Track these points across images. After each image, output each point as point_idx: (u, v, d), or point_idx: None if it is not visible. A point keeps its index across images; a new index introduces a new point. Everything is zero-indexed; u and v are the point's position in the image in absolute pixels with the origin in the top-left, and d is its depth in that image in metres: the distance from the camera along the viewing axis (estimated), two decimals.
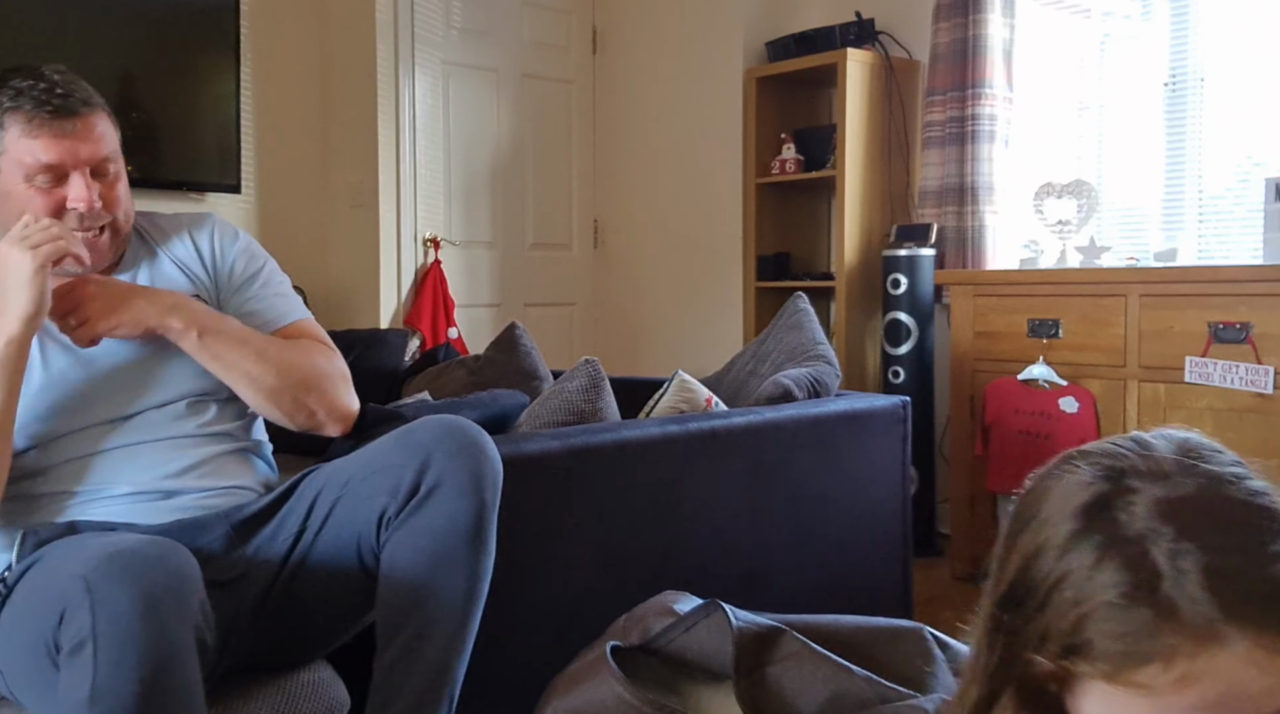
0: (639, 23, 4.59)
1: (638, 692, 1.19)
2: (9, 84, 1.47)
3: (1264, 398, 2.73)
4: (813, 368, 2.54)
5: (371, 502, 1.44)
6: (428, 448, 1.43)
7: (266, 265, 1.73)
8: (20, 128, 1.45)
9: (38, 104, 1.45)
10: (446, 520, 1.41)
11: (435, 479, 1.41)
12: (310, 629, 1.52)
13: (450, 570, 1.42)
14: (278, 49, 4.14)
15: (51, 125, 1.46)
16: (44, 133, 1.46)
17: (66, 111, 1.47)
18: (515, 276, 4.57)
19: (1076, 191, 3.36)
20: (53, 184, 1.48)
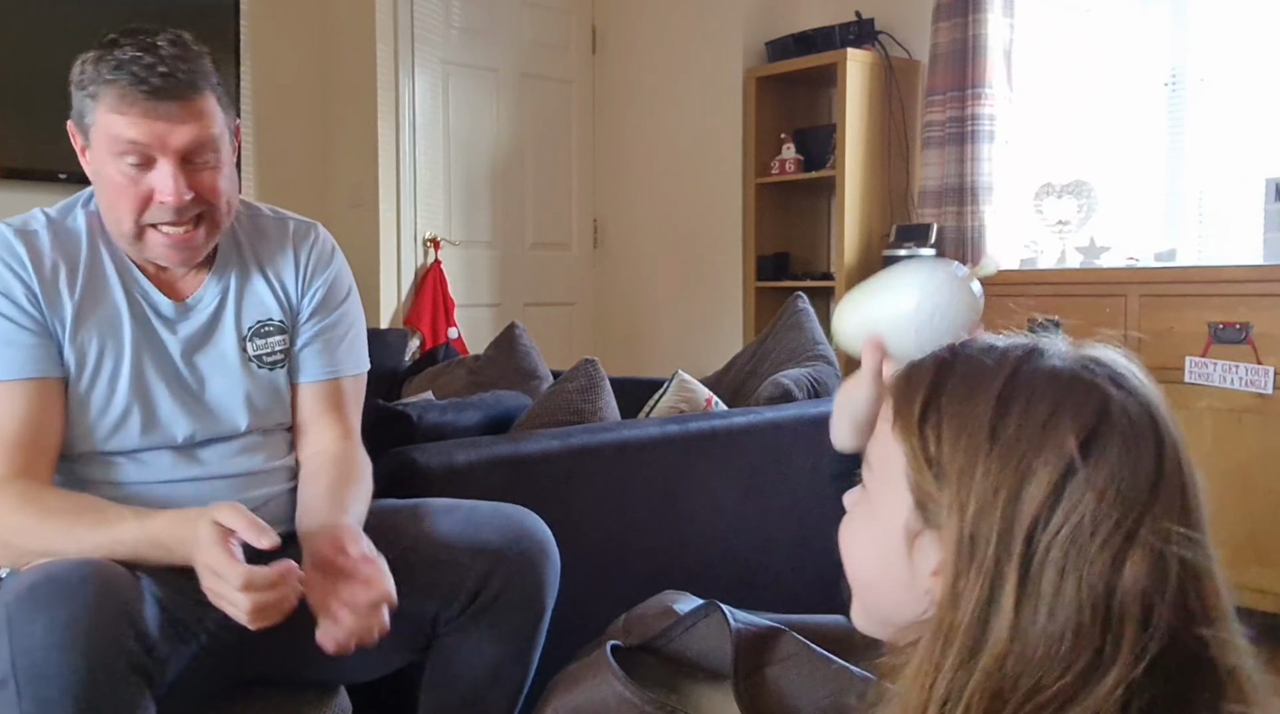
0: (639, 22, 4.59)
1: (639, 690, 1.20)
2: (114, 52, 1.33)
3: (1264, 398, 2.73)
4: (813, 368, 2.54)
5: (427, 595, 1.40)
6: (493, 554, 1.39)
7: (346, 303, 1.59)
8: (112, 101, 1.32)
9: (134, 80, 1.30)
10: (506, 634, 1.41)
11: (499, 587, 1.39)
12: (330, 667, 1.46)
13: (507, 673, 1.44)
14: (278, 49, 4.14)
15: (143, 104, 1.31)
16: (133, 110, 1.31)
17: (165, 93, 1.31)
18: (515, 276, 4.57)
19: (1076, 191, 3.36)
20: (140, 170, 1.33)
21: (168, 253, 1.39)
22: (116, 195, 1.34)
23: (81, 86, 1.34)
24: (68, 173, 3.53)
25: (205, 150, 1.36)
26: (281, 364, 1.50)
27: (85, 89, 1.34)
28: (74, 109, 1.37)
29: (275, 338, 1.50)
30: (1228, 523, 3.00)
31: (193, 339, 1.45)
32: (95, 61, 1.34)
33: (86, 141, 1.37)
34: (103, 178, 1.35)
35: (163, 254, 1.39)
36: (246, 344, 1.47)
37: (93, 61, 1.35)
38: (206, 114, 1.35)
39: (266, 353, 1.49)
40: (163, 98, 1.31)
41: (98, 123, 1.33)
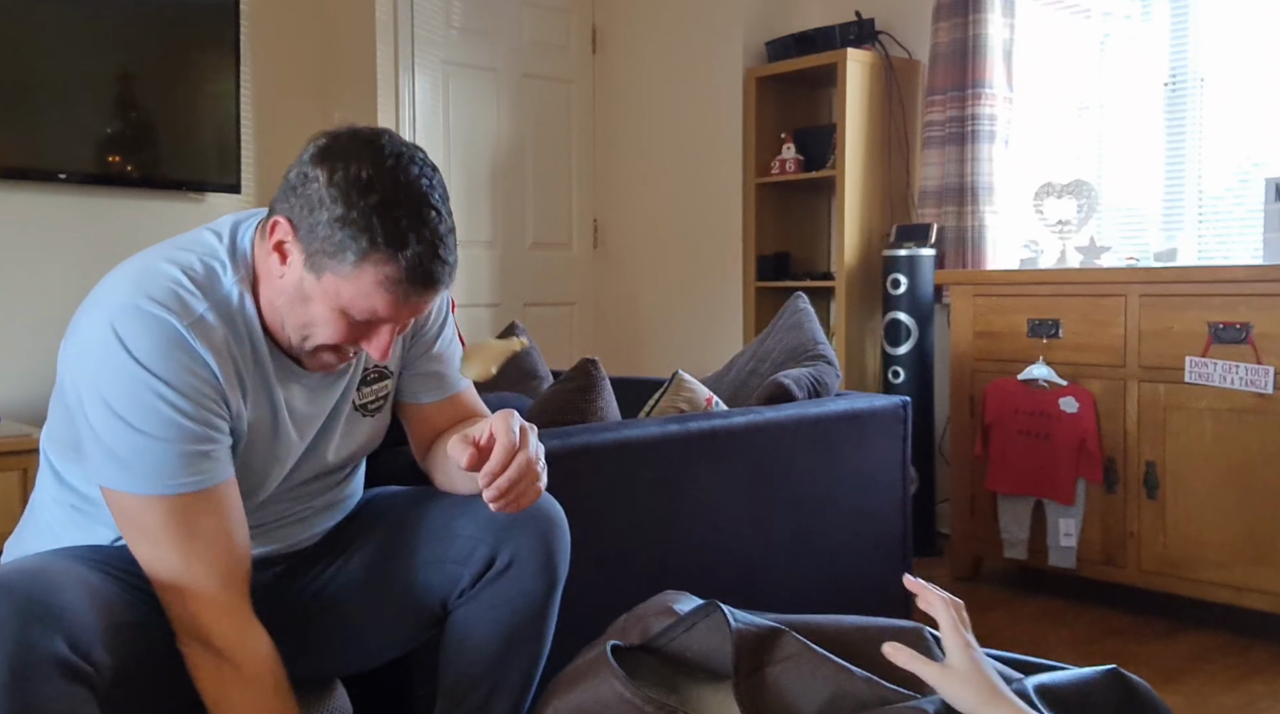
0: (639, 22, 4.59)
1: (639, 690, 1.19)
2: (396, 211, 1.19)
3: (1264, 398, 2.73)
4: (813, 368, 2.54)
5: (444, 568, 1.43)
6: (503, 525, 1.41)
7: (448, 320, 1.55)
8: (380, 277, 1.21)
9: (414, 265, 1.21)
10: (521, 597, 1.42)
11: (511, 556, 1.41)
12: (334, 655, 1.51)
13: (521, 641, 1.45)
14: (278, 49, 4.14)
15: (410, 293, 1.23)
16: (399, 297, 1.23)
17: (432, 285, 1.24)
18: (515, 276, 4.57)
19: (1076, 191, 3.36)
20: (363, 325, 1.27)
21: (326, 365, 1.35)
22: (321, 326, 1.27)
23: (343, 225, 1.20)
24: (68, 173, 3.53)
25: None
26: (381, 409, 1.50)
27: (345, 232, 1.20)
28: (304, 219, 1.23)
29: (379, 385, 1.48)
30: (1228, 523, 3.02)
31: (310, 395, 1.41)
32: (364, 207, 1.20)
33: (311, 266, 1.24)
34: (313, 304, 1.26)
35: (322, 365, 1.35)
36: (354, 393, 1.45)
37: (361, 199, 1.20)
38: (441, 294, 1.30)
39: (371, 401, 1.48)
40: (428, 289, 1.25)
41: (347, 277, 1.22)
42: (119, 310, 1.22)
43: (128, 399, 1.21)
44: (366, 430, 1.49)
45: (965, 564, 3.41)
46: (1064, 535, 3.09)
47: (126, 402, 1.21)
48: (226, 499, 1.27)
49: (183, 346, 1.22)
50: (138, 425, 1.21)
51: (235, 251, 1.32)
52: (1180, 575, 2.90)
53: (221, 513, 1.26)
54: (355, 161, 1.22)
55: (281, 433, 1.36)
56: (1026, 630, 2.89)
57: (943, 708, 1.15)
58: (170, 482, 1.22)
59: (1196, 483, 2.86)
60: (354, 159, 1.22)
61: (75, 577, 1.20)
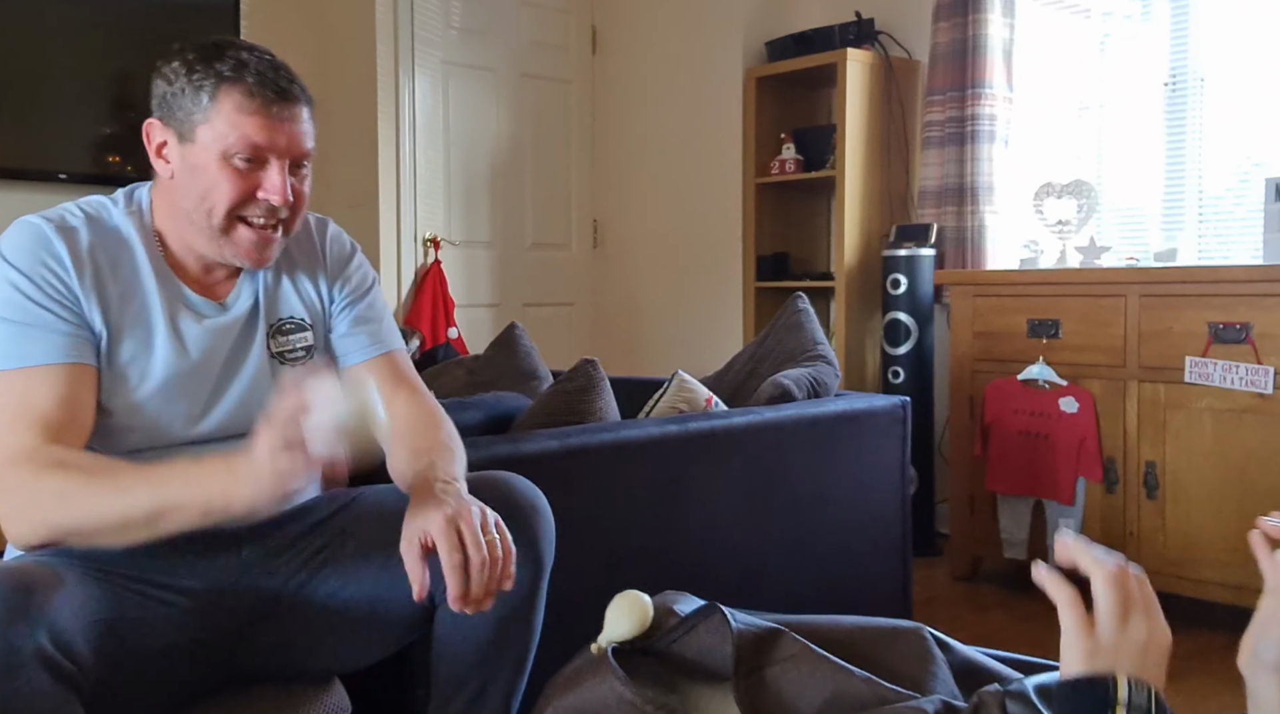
0: (638, 23, 4.59)
1: (639, 690, 1.19)
2: (227, 54, 1.36)
3: (1264, 398, 2.73)
4: (812, 368, 2.54)
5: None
6: None
7: (374, 290, 1.62)
8: (235, 101, 1.34)
9: (261, 81, 1.35)
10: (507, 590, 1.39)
11: None
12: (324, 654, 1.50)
13: (510, 632, 1.44)
14: (278, 49, 4.11)
15: (269, 107, 1.35)
16: (260, 112, 1.35)
17: (288, 96, 1.37)
18: (514, 276, 4.57)
19: (1076, 191, 3.36)
20: (250, 167, 1.37)
21: (250, 249, 1.41)
22: (215, 187, 1.36)
23: (191, 82, 1.35)
24: (68, 173, 3.53)
25: (307, 159, 1.43)
26: (303, 361, 1.52)
27: (195, 84, 1.35)
28: (165, 105, 1.38)
29: (297, 336, 1.52)
30: (1228, 523, 3.01)
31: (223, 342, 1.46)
32: (204, 61, 1.36)
33: (183, 137, 1.37)
34: (201, 171, 1.37)
35: (245, 251, 1.41)
36: (269, 342, 1.49)
37: (200, 61, 1.36)
38: (309, 124, 1.42)
39: (288, 350, 1.51)
40: (286, 101, 1.37)
41: (211, 119, 1.35)
42: (11, 226, 1.41)
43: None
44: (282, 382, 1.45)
45: (965, 564, 3.40)
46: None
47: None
48: (54, 378, 1.32)
49: (43, 243, 1.37)
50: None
51: (130, 197, 1.47)
52: (1180, 575, 2.90)
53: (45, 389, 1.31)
54: (188, 49, 1.39)
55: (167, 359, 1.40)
56: (1026, 630, 2.89)
57: (943, 708, 1.15)
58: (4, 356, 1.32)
59: (1196, 483, 2.86)
60: (187, 49, 1.39)
61: (56, 574, 1.21)
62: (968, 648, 1.35)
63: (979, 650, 1.34)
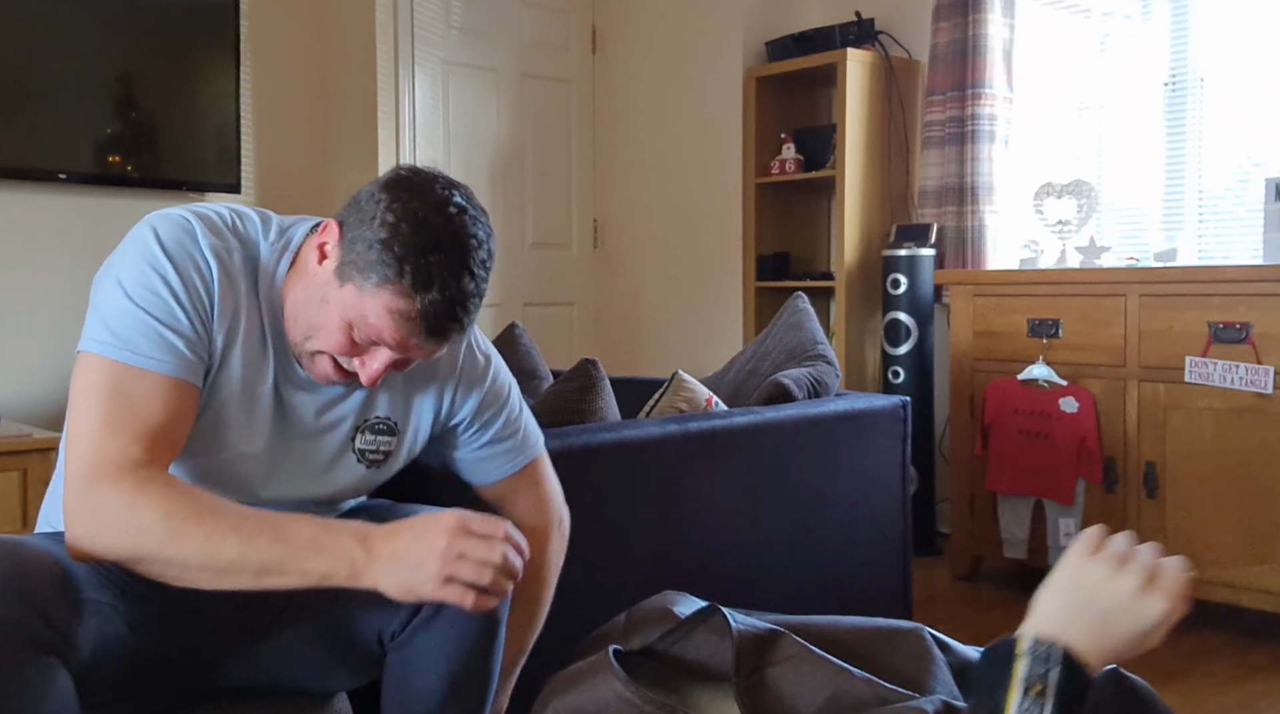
0: (639, 23, 4.59)
1: (639, 691, 1.19)
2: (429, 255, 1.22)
3: (1264, 398, 2.73)
4: (813, 368, 2.54)
5: (368, 612, 1.37)
6: None
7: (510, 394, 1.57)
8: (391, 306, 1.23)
9: (427, 312, 1.23)
10: (456, 644, 1.36)
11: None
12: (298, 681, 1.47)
13: (463, 686, 1.38)
14: (278, 49, 4.14)
15: (415, 335, 1.26)
16: (403, 332, 1.25)
17: (436, 338, 1.27)
18: (515, 276, 4.56)
19: (1076, 191, 3.36)
20: (365, 344, 1.28)
21: (320, 375, 1.35)
22: (325, 332, 1.29)
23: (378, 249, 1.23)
24: (68, 173, 3.53)
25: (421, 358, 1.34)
26: (380, 465, 1.46)
27: (377, 258, 1.23)
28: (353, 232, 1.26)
29: (385, 438, 1.45)
30: (1227, 523, 3.01)
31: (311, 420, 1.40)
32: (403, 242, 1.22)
33: (339, 271, 1.26)
34: (325, 307, 1.28)
35: (315, 374, 1.35)
36: (356, 435, 1.42)
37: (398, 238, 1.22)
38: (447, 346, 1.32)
39: (371, 449, 1.44)
40: (435, 340, 1.27)
41: (364, 297, 1.24)
42: (160, 215, 1.33)
43: (134, 272, 1.27)
44: (357, 479, 1.45)
45: (965, 564, 3.41)
46: (1064, 535, 3.09)
47: (132, 274, 1.26)
48: (171, 392, 1.24)
49: (198, 248, 1.29)
50: (132, 293, 1.26)
51: (283, 232, 1.38)
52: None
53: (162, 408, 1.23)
54: (420, 198, 1.24)
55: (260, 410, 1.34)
56: None
57: (943, 708, 1.15)
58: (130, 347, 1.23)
59: (1196, 483, 2.86)
60: (420, 196, 1.25)
61: (50, 554, 1.19)
62: (968, 648, 1.35)
63: (978, 650, 1.34)
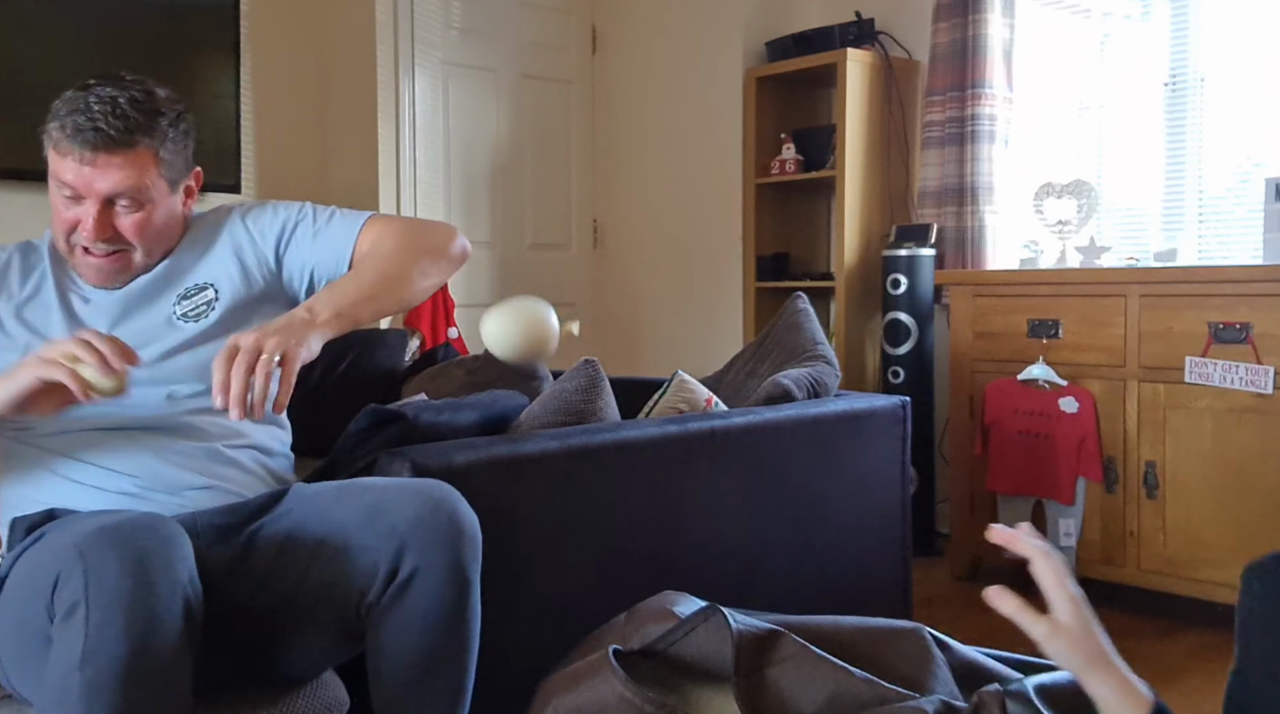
0: (638, 23, 4.59)
1: (640, 690, 1.20)
2: (64, 104, 1.53)
3: (1264, 398, 2.73)
4: (812, 368, 2.54)
5: (347, 584, 1.42)
6: (401, 534, 1.39)
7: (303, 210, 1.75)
8: (52, 141, 1.54)
9: (75, 128, 1.51)
10: (431, 609, 1.40)
11: (413, 566, 1.39)
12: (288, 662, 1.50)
13: (441, 651, 1.42)
14: (278, 49, 4.14)
15: (76, 152, 1.51)
16: (69, 156, 1.52)
17: (97, 144, 1.51)
18: (515, 276, 4.56)
19: (1076, 191, 3.36)
20: (72, 201, 1.55)
21: (90, 273, 1.61)
22: (55, 217, 1.59)
23: (48, 120, 1.55)
24: None
25: (127, 197, 1.55)
26: (204, 316, 1.63)
27: (47, 124, 1.55)
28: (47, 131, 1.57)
29: (198, 295, 1.65)
30: (1227, 522, 3.01)
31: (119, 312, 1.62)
32: (62, 100, 1.55)
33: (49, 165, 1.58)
34: (51, 197, 1.58)
35: (87, 273, 1.61)
36: (175, 307, 1.63)
37: (57, 104, 1.55)
38: (134, 165, 1.54)
39: (190, 309, 1.64)
40: (95, 148, 1.51)
41: (48, 157, 1.56)
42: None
43: None
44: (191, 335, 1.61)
45: (965, 564, 3.40)
46: (1064, 535, 3.09)
47: None
48: None
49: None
50: None
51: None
52: (1180, 575, 2.90)
53: None
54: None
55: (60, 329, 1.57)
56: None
57: (943, 708, 1.15)
58: None
59: (1196, 483, 2.86)
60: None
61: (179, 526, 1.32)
62: (968, 648, 1.35)
63: (979, 650, 1.34)
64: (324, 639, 1.48)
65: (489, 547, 1.49)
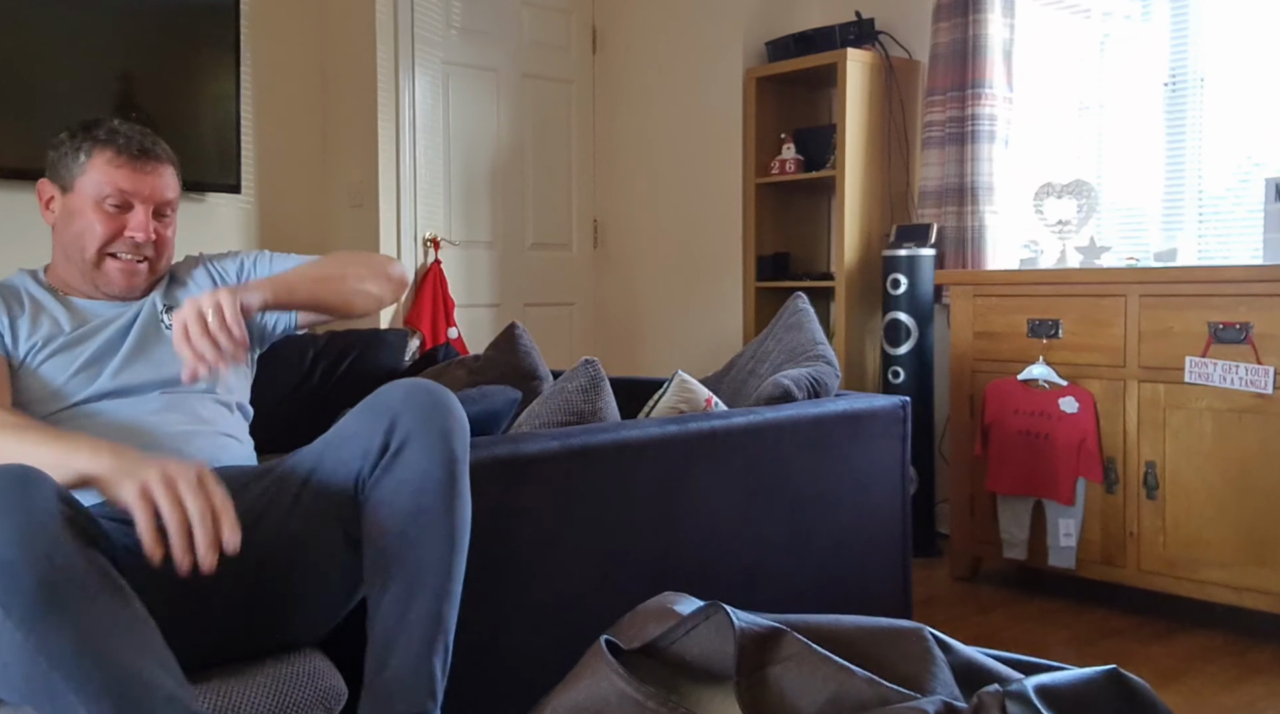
0: (639, 23, 4.59)
1: (640, 686, 1.20)
2: (100, 127, 1.74)
3: (1264, 398, 2.73)
4: (812, 368, 2.54)
5: (344, 468, 1.50)
6: (393, 409, 1.48)
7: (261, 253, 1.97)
8: (108, 157, 1.71)
9: (127, 143, 1.73)
10: (419, 474, 1.46)
11: (404, 436, 1.47)
12: (298, 608, 1.53)
13: (429, 522, 1.47)
14: (278, 49, 4.14)
15: (134, 163, 1.72)
16: (126, 167, 1.72)
17: (150, 155, 1.75)
18: (515, 276, 4.57)
19: (1076, 191, 3.36)
20: (119, 211, 1.72)
21: (118, 277, 1.75)
22: (88, 228, 1.72)
23: (72, 148, 1.73)
24: None
25: (167, 208, 1.78)
26: None
27: (75, 149, 1.72)
28: (52, 168, 1.75)
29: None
30: (1228, 523, 3.01)
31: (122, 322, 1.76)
32: (82, 132, 1.73)
33: (64, 190, 1.74)
34: (79, 216, 1.73)
35: (114, 279, 1.75)
36: (162, 316, 1.79)
37: (80, 133, 1.74)
38: (171, 180, 1.79)
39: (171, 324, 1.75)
40: (147, 159, 1.74)
41: (88, 174, 1.72)
42: None
43: None
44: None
45: (965, 564, 3.41)
46: (1064, 535, 3.09)
47: None
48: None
49: None
50: None
51: (36, 269, 1.84)
52: (1180, 575, 2.90)
53: None
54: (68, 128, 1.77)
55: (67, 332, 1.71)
56: (1026, 630, 2.89)
57: (943, 708, 1.15)
58: None
59: (1196, 483, 2.86)
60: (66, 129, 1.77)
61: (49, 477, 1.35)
62: (968, 648, 1.35)
63: (979, 650, 1.34)
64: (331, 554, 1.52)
65: (489, 547, 1.49)
